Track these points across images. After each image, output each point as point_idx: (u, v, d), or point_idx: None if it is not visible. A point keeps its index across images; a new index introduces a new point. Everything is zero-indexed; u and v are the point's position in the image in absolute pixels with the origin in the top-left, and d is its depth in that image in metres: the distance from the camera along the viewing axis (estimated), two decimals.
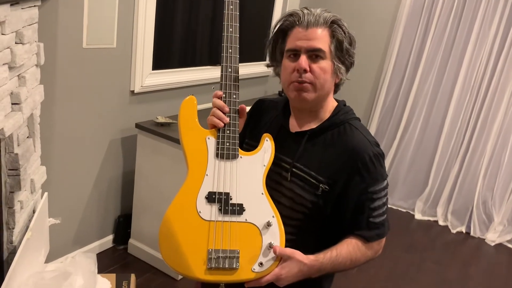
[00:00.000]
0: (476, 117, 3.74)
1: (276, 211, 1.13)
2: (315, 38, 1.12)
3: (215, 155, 1.14)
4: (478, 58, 3.65)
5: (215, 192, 1.12)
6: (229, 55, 1.16)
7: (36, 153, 1.89)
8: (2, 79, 1.40)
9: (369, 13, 3.97)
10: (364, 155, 1.12)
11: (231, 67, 1.16)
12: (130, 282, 1.85)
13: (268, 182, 1.18)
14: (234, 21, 1.17)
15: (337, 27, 1.13)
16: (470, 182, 3.81)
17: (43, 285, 1.53)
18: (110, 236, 2.86)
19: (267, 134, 1.19)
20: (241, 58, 1.19)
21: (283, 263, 1.10)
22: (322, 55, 1.12)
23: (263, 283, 1.09)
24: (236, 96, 1.17)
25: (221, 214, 1.11)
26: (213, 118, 1.15)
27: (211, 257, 1.07)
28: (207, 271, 1.08)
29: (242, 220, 1.11)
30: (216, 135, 1.15)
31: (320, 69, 1.12)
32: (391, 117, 4.06)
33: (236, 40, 1.17)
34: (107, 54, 2.46)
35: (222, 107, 1.15)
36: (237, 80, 1.17)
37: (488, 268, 3.33)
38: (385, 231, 1.18)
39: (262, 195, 1.14)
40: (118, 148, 2.73)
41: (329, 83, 1.16)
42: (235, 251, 1.09)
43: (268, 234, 1.11)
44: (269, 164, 1.17)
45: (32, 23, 1.66)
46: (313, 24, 1.12)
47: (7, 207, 1.67)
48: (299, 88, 1.14)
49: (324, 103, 1.20)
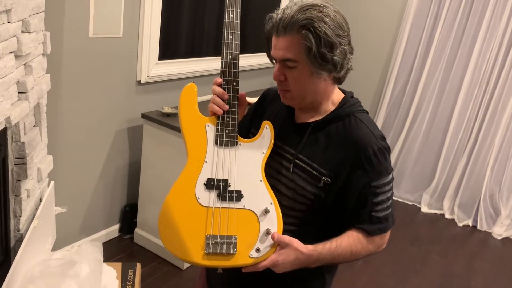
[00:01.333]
0: (484, 110, 3.70)
1: (275, 198, 1.14)
2: (285, 48, 1.07)
3: (215, 142, 1.14)
4: (488, 51, 3.60)
5: (214, 179, 1.12)
6: (230, 41, 1.15)
7: (43, 142, 1.89)
8: (9, 68, 1.39)
9: (378, 5, 3.92)
10: (368, 148, 1.11)
11: (232, 54, 1.15)
12: (135, 271, 1.86)
13: (271, 172, 1.18)
14: (235, 6, 1.16)
15: (307, 32, 1.03)
16: (478, 176, 3.78)
17: (49, 272, 1.54)
18: (116, 225, 2.88)
19: (267, 121, 1.19)
20: (248, 49, 1.18)
21: (281, 249, 1.10)
22: (294, 64, 1.08)
23: (260, 268, 1.10)
24: (236, 84, 1.16)
25: (220, 200, 1.11)
26: (213, 105, 1.15)
27: (209, 242, 1.09)
28: (205, 256, 1.09)
29: (240, 206, 1.12)
30: (216, 122, 1.15)
31: (292, 78, 1.10)
32: (399, 109, 4.03)
33: (237, 26, 1.16)
34: (113, 44, 2.45)
35: (222, 94, 1.15)
36: (238, 67, 1.16)
37: (494, 262, 3.31)
38: (388, 226, 1.17)
39: (261, 182, 1.14)
40: (125, 138, 2.74)
41: (311, 85, 1.11)
42: (233, 237, 1.10)
43: (266, 221, 1.12)
44: (268, 151, 1.17)
45: (38, 12, 1.66)
46: (283, 31, 1.06)
47: (14, 195, 1.68)
48: (283, 95, 1.16)
49: (323, 100, 1.17)
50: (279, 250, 1.11)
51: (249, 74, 3.54)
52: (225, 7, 1.15)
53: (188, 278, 2.55)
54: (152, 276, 2.54)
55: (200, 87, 1.24)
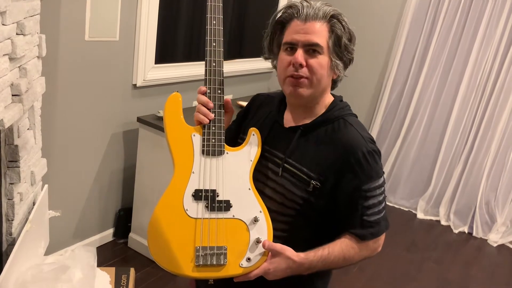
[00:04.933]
0: (480, 117, 3.71)
1: (264, 206, 1.13)
2: (313, 32, 1.09)
3: (201, 152, 1.13)
4: (484, 57, 3.61)
5: (202, 189, 1.11)
6: (213, 49, 1.14)
7: (37, 145, 1.88)
8: (2, 70, 1.38)
9: (374, 10, 3.94)
10: (357, 151, 1.10)
11: (215, 61, 1.14)
12: (129, 276, 1.84)
13: (260, 177, 1.18)
14: (217, 13, 1.15)
15: (336, 22, 1.10)
16: (474, 182, 3.79)
17: (41, 277, 1.52)
18: (110, 229, 2.86)
19: (254, 128, 1.18)
20: (245, 54, 1.17)
21: (272, 258, 1.09)
22: (320, 50, 1.09)
23: (252, 277, 1.09)
24: (221, 91, 1.15)
25: (208, 211, 1.10)
26: (198, 115, 1.14)
27: (198, 254, 1.08)
28: (195, 268, 1.08)
29: (229, 216, 1.11)
30: (202, 132, 1.13)
31: (317, 64, 1.10)
32: (395, 116, 4.03)
33: (220, 33, 1.15)
34: (109, 47, 2.45)
35: (206, 103, 1.14)
36: (222, 75, 1.15)
37: (490, 269, 3.31)
38: (380, 230, 1.15)
39: (249, 190, 1.13)
40: (120, 141, 2.73)
41: (325, 79, 1.13)
42: (223, 247, 1.09)
43: (256, 229, 1.11)
44: (256, 159, 1.16)
45: (34, 14, 1.65)
46: (312, 17, 1.09)
47: (7, 199, 1.66)
48: (295, 84, 1.12)
49: (320, 99, 1.17)
50: (270, 258, 1.10)
51: (246, 78, 3.54)
52: (207, 14, 1.15)
53: (182, 284, 2.54)
54: (146, 281, 2.52)
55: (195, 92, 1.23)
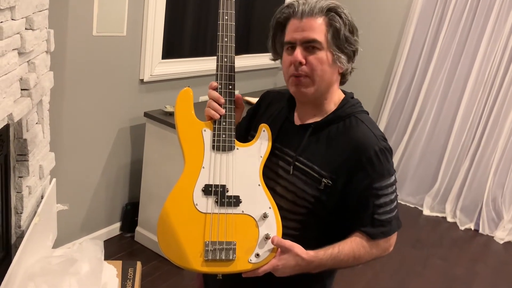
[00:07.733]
0: (488, 113, 3.68)
1: (273, 202, 1.13)
2: (310, 29, 1.08)
3: (211, 147, 1.13)
4: (493, 53, 3.58)
5: (212, 184, 1.11)
6: (225, 44, 1.14)
7: (45, 139, 1.90)
8: (12, 65, 1.40)
9: (382, 5, 3.91)
10: (369, 149, 1.09)
11: (227, 57, 1.14)
12: (136, 270, 1.86)
13: (271, 175, 1.17)
14: (230, 8, 1.14)
15: (334, 15, 1.08)
16: (480, 179, 3.76)
17: (50, 270, 1.54)
18: (117, 223, 2.88)
19: (264, 124, 1.18)
20: (252, 49, 1.17)
21: (281, 254, 1.09)
22: (318, 46, 1.08)
23: (260, 273, 1.09)
24: (232, 87, 1.15)
25: (218, 206, 1.11)
26: (209, 110, 1.14)
27: (208, 249, 1.08)
28: (204, 263, 1.09)
29: (239, 212, 1.11)
30: (212, 127, 1.13)
31: (316, 60, 1.09)
32: (402, 111, 4.01)
33: (232, 28, 1.14)
34: (117, 42, 2.46)
35: (218, 99, 1.14)
36: (233, 70, 1.15)
37: (496, 266, 3.30)
38: (391, 230, 1.14)
39: (259, 186, 1.13)
40: (127, 136, 2.74)
41: (329, 74, 1.11)
42: (232, 243, 1.09)
43: (265, 226, 1.11)
44: (266, 155, 1.16)
45: (42, 9, 1.66)
46: (308, 14, 1.08)
47: (16, 192, 1.69)
48: (297, 83, 1.12)
49: (328, 95, 1.16)
50: (279, 254, 1.09)
51: (253, 74, 3.54)
52: (219, 9, 1.14)
53: (189, 277, 2.55)
54: (153, 275, 2.54)
55: (203, 87, 1.24)
